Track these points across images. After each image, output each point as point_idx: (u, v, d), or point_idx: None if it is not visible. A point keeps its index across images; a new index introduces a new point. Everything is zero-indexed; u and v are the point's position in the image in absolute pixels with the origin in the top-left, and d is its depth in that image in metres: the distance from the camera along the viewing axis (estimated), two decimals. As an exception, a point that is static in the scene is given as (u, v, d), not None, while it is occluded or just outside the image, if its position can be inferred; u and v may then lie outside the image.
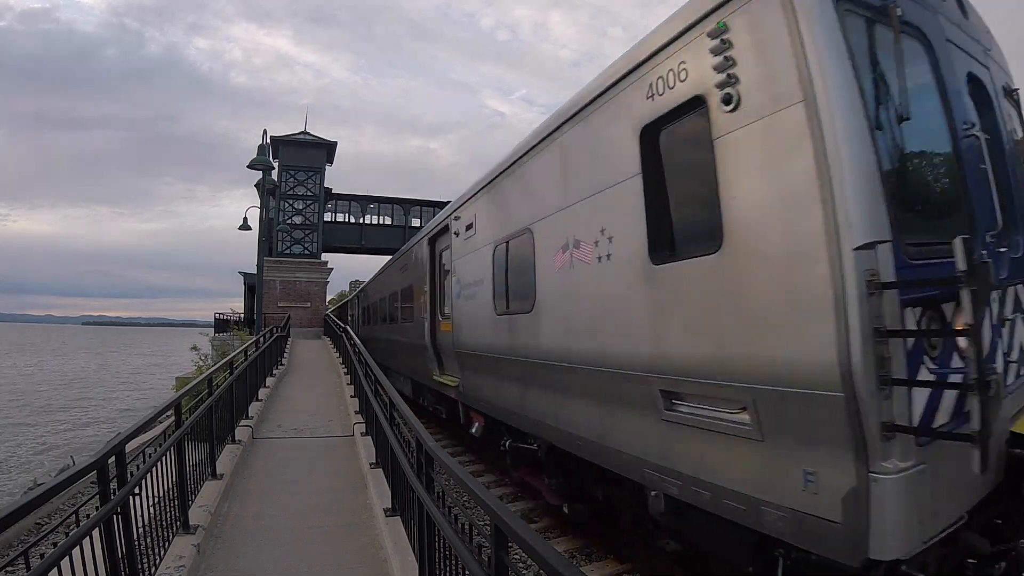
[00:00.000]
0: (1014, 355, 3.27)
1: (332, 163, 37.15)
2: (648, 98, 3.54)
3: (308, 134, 36.61)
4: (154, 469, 3.76)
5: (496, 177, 6.24)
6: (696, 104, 3.16)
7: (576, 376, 4.52)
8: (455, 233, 7.75)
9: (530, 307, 5.27)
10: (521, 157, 5.54)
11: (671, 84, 3.33)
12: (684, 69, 3.24)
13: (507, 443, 6.25)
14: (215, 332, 29.04)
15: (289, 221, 34.42)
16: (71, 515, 2.72)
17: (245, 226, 19.38)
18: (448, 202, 9.54)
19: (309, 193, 35.51)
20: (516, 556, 3.51)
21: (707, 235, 3.09)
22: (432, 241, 9.35)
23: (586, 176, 4.35)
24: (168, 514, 4.02)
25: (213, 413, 5.82)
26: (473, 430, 7.40)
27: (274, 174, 28.34)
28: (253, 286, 28.00)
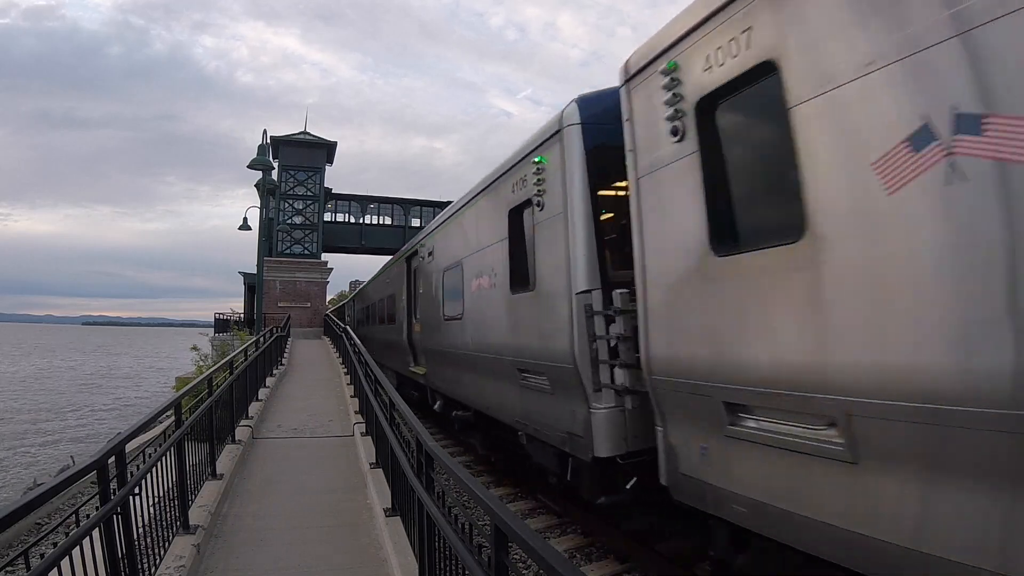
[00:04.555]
0: None
1: (332, 163, 37.19)
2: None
3: (308, 134, 36.63)
4: (154, 469, 3.75)
5: None
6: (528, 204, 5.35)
7: None
8: None
9: None
10: None
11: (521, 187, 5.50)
12: (524, 180, 5.41)
13: None
14: (215, 332, 29.05)
15: (289, 221, 34.44)
16: (71, 515, 2.71)
17: (245, 226, 19.40)
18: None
19: (309, 193, 35.52)
20: (516, 556, 3.51)
21: None
22: None
23: None
24: (168, 514, 4.01)
25: (213, 413, 5.81)
26: None
27: (274, 174, 28.33)
28: (253, 286, 28.00)
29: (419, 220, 38.02)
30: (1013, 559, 2.02)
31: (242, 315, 32.42)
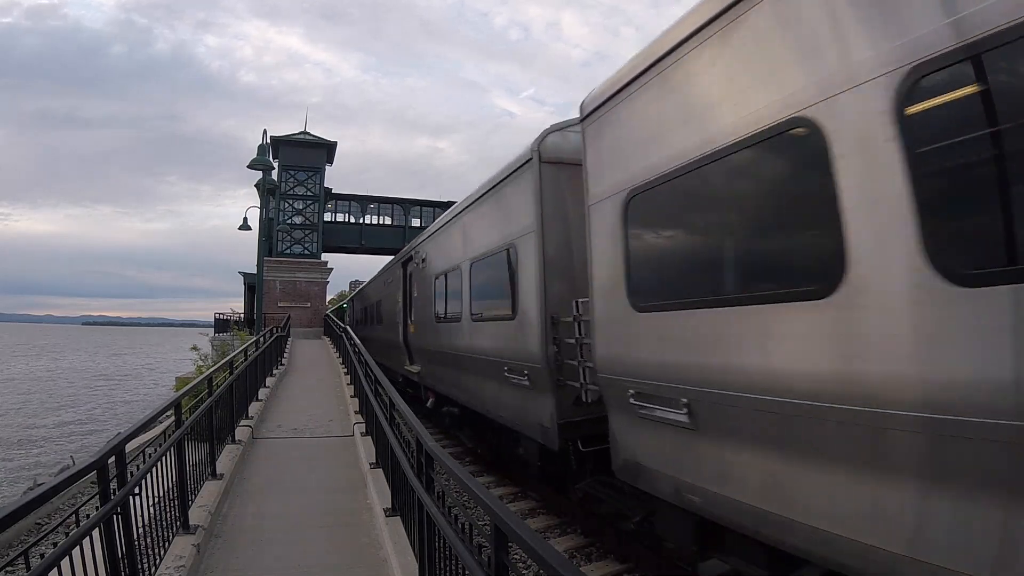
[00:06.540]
0: None
1: (332, 163, 37.19)
2: None
3: (308, 134, 36.63)
4: (154, 469, 3.75)
5: None
6: None
7: None
8: None
9: None
10: None
11: None
12: None
13: None
14: (215, 332, 29.02)
15: (289, 221, 34.44)
16: (71, 515, 2.71)
17: (245, 226, 19.39)
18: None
19: (309, 193, 35.51)
20: (516, 556, 3.51)
21: None
22: None
23: None
24: (168, 514, 4.01)
25: (213, 413, 5.81)
26: None
27: (274, 174, 28.31)
28: (253, 286, 28.00)
29: (419, 220, 38.00)
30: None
31: (242, 315, 32.39)
